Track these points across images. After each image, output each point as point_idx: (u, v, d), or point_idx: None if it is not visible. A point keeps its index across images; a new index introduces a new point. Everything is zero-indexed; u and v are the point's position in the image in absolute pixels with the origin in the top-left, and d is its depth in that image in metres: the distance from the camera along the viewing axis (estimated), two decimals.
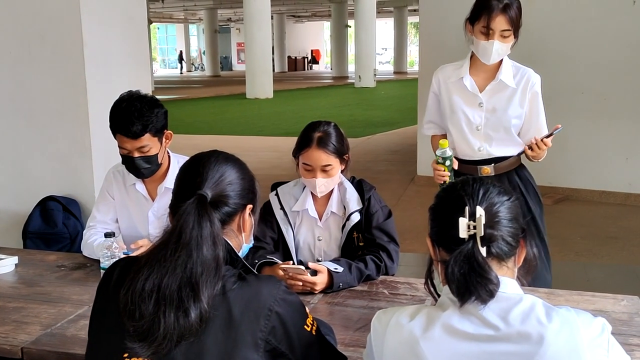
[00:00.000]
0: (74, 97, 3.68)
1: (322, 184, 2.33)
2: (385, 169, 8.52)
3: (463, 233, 1.22)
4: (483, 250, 1.21)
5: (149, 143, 2.46)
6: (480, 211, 1.22)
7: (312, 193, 2.42)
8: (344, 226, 2.40)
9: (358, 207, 2.39)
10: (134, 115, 2.40)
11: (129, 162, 2.49)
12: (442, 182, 2.55)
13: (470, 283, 1.18)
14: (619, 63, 6.15)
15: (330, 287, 2.19)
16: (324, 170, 2.32)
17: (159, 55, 50.61)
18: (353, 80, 26.58)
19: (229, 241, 1.42)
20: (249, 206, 1.47)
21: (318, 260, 2.40)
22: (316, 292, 2.17)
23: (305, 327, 1.39)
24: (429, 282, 1.37)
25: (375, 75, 25.71)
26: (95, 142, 3.71)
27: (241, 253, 1.50)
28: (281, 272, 2.18)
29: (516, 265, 1.30)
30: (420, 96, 7.32)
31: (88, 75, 3.66)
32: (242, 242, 1.49)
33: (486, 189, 1.28)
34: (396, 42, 36.58)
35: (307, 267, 2.20)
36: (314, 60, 47.34)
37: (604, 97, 6.26)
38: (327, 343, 1.50)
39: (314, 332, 1.42)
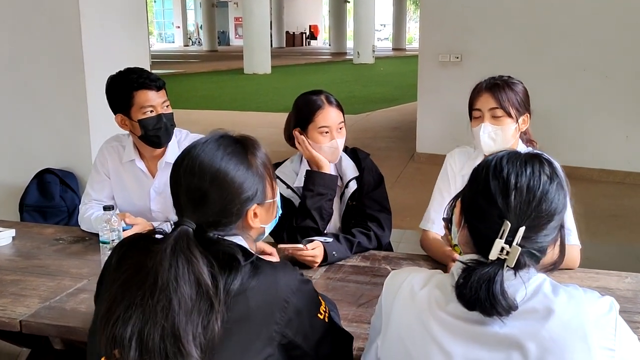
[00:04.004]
0: (71, 70, 3.64)
1: (341, 144, 2.35)
2: (385, 145, 8.47)
3: (493, 255, 1.14)
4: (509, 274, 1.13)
5: (167, 99, 2.46)
6: (520, 234, 1.13)
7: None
8: (342, 195, 2.41)
9: (355, 175, 2.40)
10: (147, 71, 2.41)
11: (156, 122, 2.41)
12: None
13: (485, 303, 1.11)
14: (621, 41, 6.10)
15: (326, 259, 2.18)
16: (339, 130, 2.34)
17: (156, 29, 50.11)
18: (351, 57, 26.37)
19: (240, 238, 1.35)
20: (253, 207, 1.35)
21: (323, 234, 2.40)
22: (316, 265, 2.16)
23: (319, 315, 1.35)
24: (450, 218, 1.31)
25: (374, 51, 25.52)
26: (93, 115, 3.67)
27: (267, 232, 1.48)
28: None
29: None
30: (420, 73, 7.26)
31: (85, 47, 3.61)
32: (264, 228, 1.44)
33: (545, 190, 1.15)
34: (395, 18, 36.23)
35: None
36: (312, 35, 46.93)
37: (605, 74, 6.22)
38: (337, 327, 1.48)
39: (326, 319, 1.38)
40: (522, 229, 1.13)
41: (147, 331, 1.15)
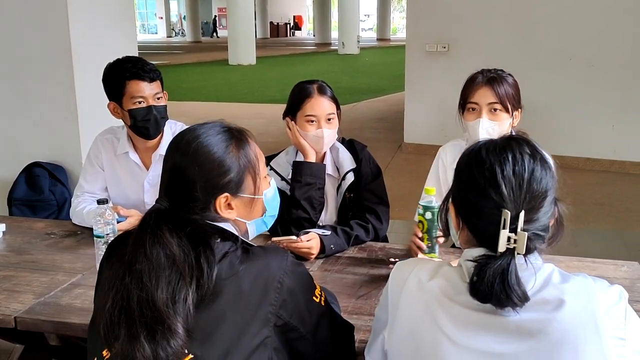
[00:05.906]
0: (59, 60, 3.58)
1: (328, 135, 2.31)
2: (372, 136, 8.45)
3: (502, 247, 1.13)
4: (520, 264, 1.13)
5: (160, 91, 2.42)
6: (521, 219, 1.12)
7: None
8: (339, 187, 2.39)
9: (352, 167, 2.37)
10: (143, 61, 2.39)
11: (145, 113, 2.38)
12: (416, 253, 2.03)
13: (500, 295, 1.11)
14: (607, 31, 6.13)
15: (323, 252, 2.17)
16: (328, 120, 2.31)
17: (139, 20, 49.60)
18: (336, 47, 26.35)
19: (229, 225, 1.34)
20: (223, 196, 1.32)
21: (318, 225, 2.38)
22: (312, 257, 2.15)
23: (315, 298, 1.35)
24: (445, 222, 1.31)
25: (359, 42, 25.51)
26: (81, 106, 3.62)
27: (252, 231, 1.44)
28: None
29: None
30: (407, 63, 7.25)
31: (73, 36, 3.55)
32: (245, 223, 1.41)
33: (531, 170, 1.15)
34: (379, 9, 36.19)
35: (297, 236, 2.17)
36: (297, 26, 46.79)
37: (591, 64, 6.25)
38: (336, 313, 1.47)
39: (323, 303, 1.37)
40: (522, 214, 1.13)
41: (129, 304, 1.17)
